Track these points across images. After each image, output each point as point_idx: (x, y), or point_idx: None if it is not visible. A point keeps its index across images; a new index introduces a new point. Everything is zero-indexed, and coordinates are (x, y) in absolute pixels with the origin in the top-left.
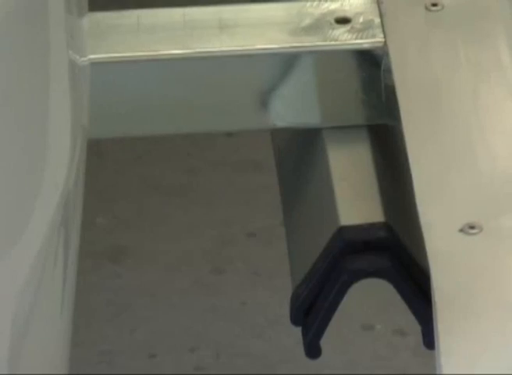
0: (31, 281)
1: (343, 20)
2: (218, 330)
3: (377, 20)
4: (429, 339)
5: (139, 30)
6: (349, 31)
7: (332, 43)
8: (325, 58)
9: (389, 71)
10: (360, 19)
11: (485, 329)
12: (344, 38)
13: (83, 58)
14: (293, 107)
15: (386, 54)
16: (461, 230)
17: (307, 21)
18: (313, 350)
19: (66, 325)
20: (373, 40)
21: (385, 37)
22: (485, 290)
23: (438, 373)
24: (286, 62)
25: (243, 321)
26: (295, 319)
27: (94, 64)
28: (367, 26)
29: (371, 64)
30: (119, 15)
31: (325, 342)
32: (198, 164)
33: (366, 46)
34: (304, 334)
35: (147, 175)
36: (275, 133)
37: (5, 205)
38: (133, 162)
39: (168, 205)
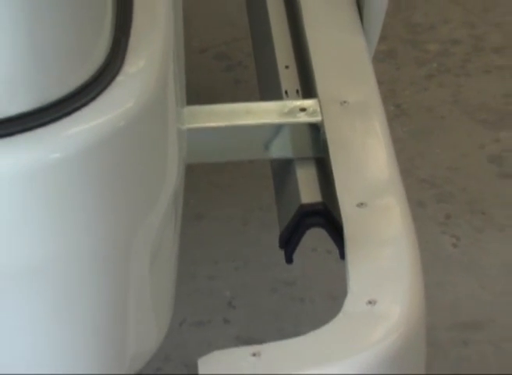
0: (161, 225)
1: (303, 109)
2: (247, 242)
3: (318, 109)
4: (343, 254)
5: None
6: (306, 114)
7: (298, 120)
8: (294, 127)
9: (324, 133)
10: (311, 110)
11: (370, 249)
12: (304, 118)
13: (184, 126)
14: (279, 148)
15: (323, 125)
16: (357, 206)
17: (286, 109)
18: (289, 260)
19: (175, 250)
20: (317, 118)
21: (322, 117)
22: (370, 233)
23: (347, 270)
24: (276, 129)
25: (260, 242)
26: (281, 245)
27: (189, 129)
28: (314, 112)
29: (316, 129)
30: (201, 107)
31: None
32: (235, 175)
33: (313, 121)
34: (285, 253)
35: (213, 179)
36: (272, 160)
37: (154, 191)
38: (207, 172)
39: (223, 193)
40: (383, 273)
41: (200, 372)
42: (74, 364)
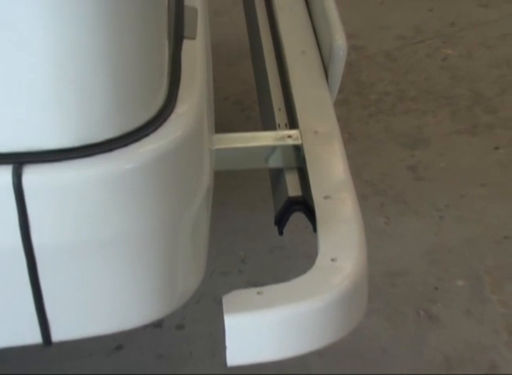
0: (199, 209)
1: (289, 136)
2: (254, 221)
3: (300, 136)
4: (315, 229)
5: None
6: (291, 139)
7: (286, 143)
8: (284, 148)
9: (303, 151)
10: (295, 136)
11: (332, 226)
12: (290, 142)
13: (213, 147)
14: (274, 161)
15: (303, 146)
16: (324, 198)
17: (279, 136)
18: (280, 232)
19: (207, 225)
20: (299, 142)
21: (302, 141)
22: (333, 216)
23: (318, 239)
24: (272, 149)
25: (262, 221)
26: (275, 223)
27: (217, 149)
28: (297, 138)
29: (298, 149)
30: (224, 134)
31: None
32: (246, 178)
33: (296, 144)
34: (278, 228)
35: (232, 181)
36: (270, 169)
37: (194, 188)
38: (228, 176)
39: (238, 189)
40: (341, 241)
41: (224, 304)
42: (146, 297)
